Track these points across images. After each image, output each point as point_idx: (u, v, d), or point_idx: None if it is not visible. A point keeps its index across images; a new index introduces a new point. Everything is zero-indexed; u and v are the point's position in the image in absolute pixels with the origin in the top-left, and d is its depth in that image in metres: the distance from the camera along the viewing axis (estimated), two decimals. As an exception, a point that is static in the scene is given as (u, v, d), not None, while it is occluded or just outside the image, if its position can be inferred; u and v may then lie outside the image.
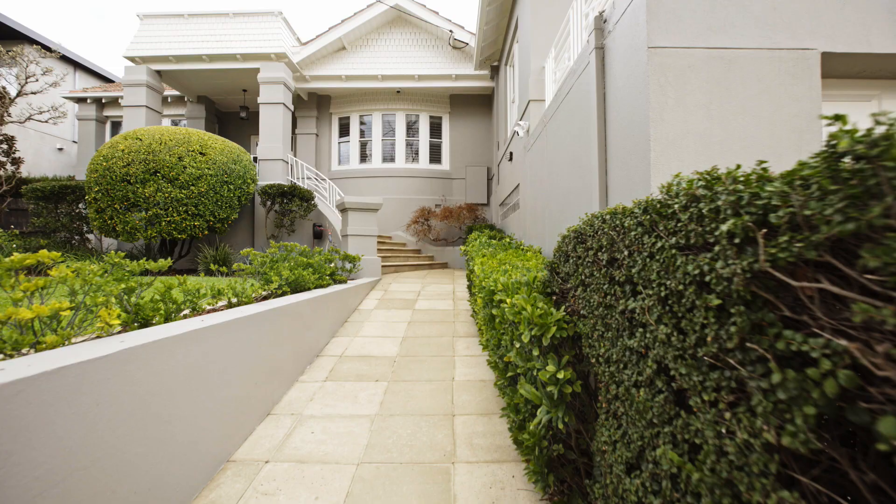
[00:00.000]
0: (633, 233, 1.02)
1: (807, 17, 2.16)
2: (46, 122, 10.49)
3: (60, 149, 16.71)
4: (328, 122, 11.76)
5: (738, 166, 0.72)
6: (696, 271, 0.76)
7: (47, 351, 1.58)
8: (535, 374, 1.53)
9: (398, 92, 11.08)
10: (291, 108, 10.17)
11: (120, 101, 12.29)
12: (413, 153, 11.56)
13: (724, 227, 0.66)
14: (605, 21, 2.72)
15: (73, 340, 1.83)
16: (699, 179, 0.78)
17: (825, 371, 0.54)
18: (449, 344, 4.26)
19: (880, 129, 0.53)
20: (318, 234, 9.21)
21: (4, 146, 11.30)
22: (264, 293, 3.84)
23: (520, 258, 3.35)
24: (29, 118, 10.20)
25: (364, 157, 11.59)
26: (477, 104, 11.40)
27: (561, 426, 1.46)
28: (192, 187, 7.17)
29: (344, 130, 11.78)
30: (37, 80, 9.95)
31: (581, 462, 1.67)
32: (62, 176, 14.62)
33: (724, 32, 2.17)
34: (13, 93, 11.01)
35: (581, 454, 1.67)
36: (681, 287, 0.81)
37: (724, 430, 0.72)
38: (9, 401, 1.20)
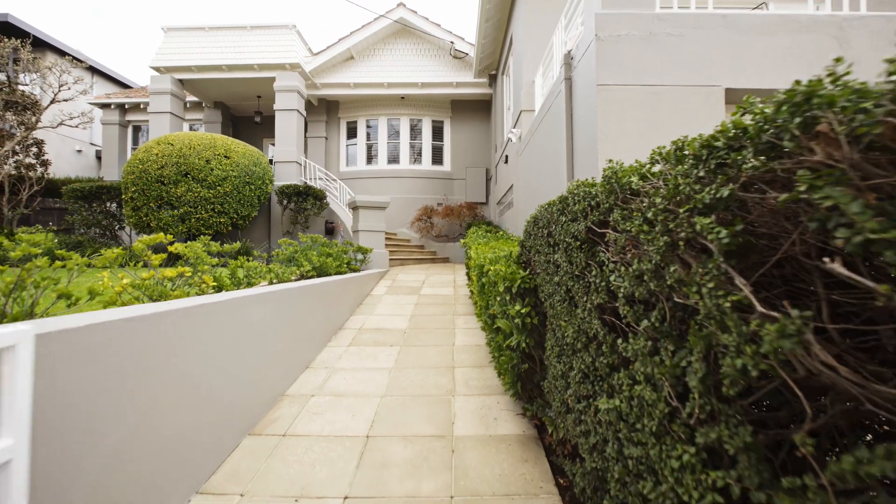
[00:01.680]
0: (555, 214, 1.78)
1: (715, 62, 2.92)
2: (76, 127, 11.29)
3: (79, 151, 17.49)
4: (337, 126, 12.53)
5: (587, 179, 1.48)
6: (574, 230, 1.52)
7: (178, 299, 2.34)
8: (507, 312, 2.29)
9: (402, 98, 11.84)
10: (304, 113, 10.94)
11: (141, 106, 13.10)
12: (416, 155, 12.32)
13: (576, 208, 1.43)
14: (572, 58, 3.48)
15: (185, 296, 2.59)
16: (576, 184, 1.53)
17: (605, 265, 1.30)
18: (450, 320, 5.03)
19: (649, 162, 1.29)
20: (330, 231, 9.98)
21: (35, 149, 12.12)
22: (296, 276, 4.61)
23: (507, 244, 4.11)
24: (61, 124, 10.99)
25: (370, 158, 12.36)
26: (476, 109, 12.16)
27: (524, 346, 2.23)
28: (219, 187, 7.95)
29: (351, 133, 12.55)
30: (69, 89, 10.75)
31: (542, 377, 2.43)
32: (83, 177, 15.43)
33: (654, 73, 2.93)
34: (40, 98, 11.80)
35: (542, 372, 2.43)
36: (569, 240, 1.57)
37: (583, 307, 1.48)
38: (184, 317, 1.97)
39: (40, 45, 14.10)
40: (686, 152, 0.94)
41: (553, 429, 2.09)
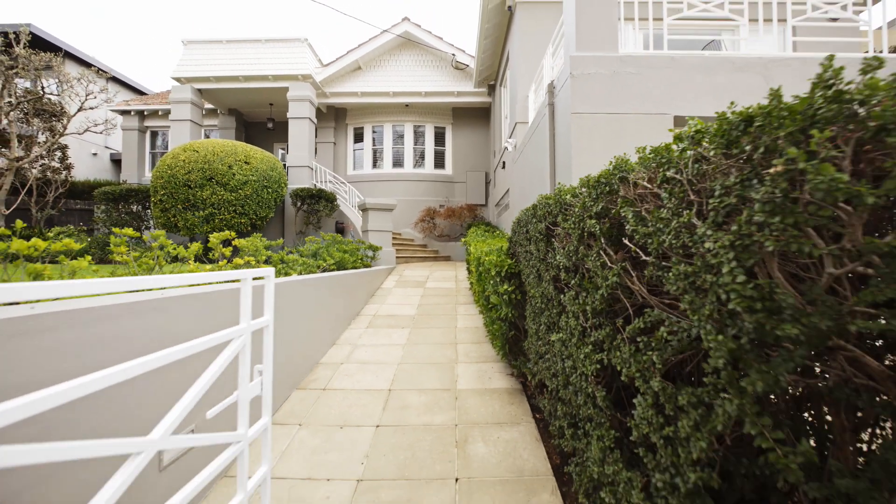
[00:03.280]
0: (529, 217, 2.50)
1: (666, 94, 3.64)
2: (101, 133, 12.05)
3: (95, 154, 18.23)
4: (344, 132, 13.26)
5: (548, 193, 2.20)
6: (539, 228, 2.24)
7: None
8: (498, 290, 3.02)
9: (407, 106, 12.57)
10: (315, 121, 11.67)
11: (160, 113, 13.85)
12: (419, 159, 13.05)
13: (540, 213, 2.15)
14: (554, 87, 4.20)
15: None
16: (541, 197, 2.25)
17: (556, 250, 2.02)
18: (453, 308, 5.75)
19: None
20: (340, 230, 10.70)
21: (59, 154, 12.86)
22: (320, 269, 5.32)
23: (500, 241, 4.83)
24: (87, 130, 11.73)
25: (376, 162, 13.09)
26: (476, 116, 12.88)
27: (510, 316, 2.95)
28: (240, 191, 8.67)
29: (358, 139, 13.29)
30: (94, 97, 11.49)
31: (524, 341, 3.14)
32: (101, 179, 16.22)
33: (617, 104, 3.65)
34: (67, 107, 12.53)
35: (524, 338, 3.15)
36: (537, 234, 2.29)
37: (545, 279, 2.20)
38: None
39: (61, 53, 14.84)
40: (591, 182, 1.66)
41: (531, 376, 2.80)
